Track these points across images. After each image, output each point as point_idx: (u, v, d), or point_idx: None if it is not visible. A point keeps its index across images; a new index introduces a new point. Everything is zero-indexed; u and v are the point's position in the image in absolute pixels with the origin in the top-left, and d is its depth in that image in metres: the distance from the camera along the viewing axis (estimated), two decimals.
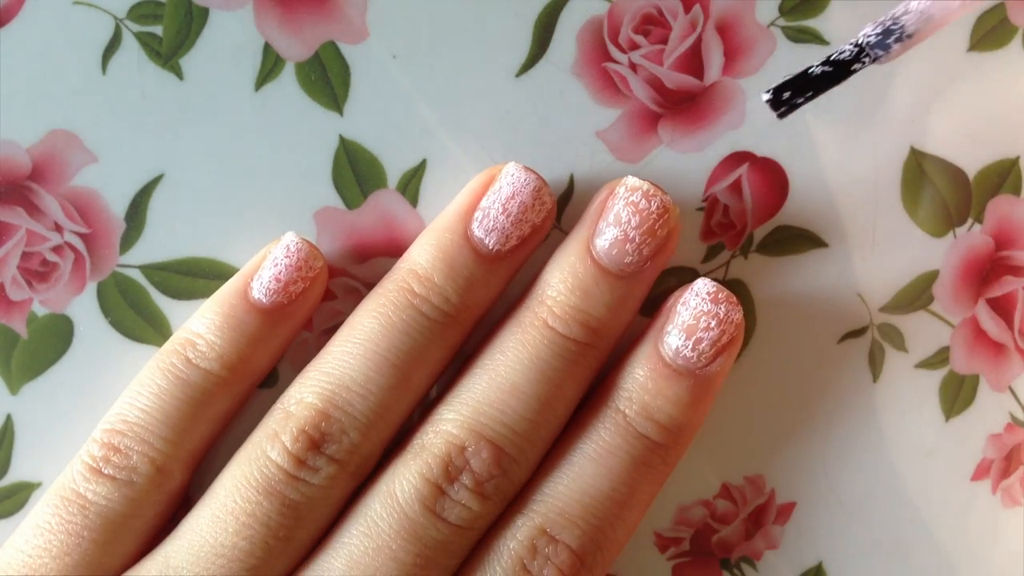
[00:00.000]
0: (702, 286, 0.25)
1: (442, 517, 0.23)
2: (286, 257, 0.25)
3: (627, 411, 0.25)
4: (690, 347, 0.25)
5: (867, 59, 0.21)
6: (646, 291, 0.25)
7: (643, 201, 0.25)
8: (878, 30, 0.21)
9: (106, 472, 0.24)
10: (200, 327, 0.25)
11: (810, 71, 0.21)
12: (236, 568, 0.23)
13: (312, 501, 0.23)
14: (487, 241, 0.25)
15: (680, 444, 0.25)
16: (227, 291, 0.25)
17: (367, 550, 0.23)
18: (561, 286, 0.25)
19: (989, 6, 0.20)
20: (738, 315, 0.25)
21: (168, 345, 0.25)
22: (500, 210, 0.25)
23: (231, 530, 0.23)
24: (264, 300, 0.25)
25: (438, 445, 0.24)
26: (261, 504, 0.23)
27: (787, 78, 0.21)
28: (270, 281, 0.25)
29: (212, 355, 0.24)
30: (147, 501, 0.24)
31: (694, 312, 0.25)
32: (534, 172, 0.25)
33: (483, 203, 0.25)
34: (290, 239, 0.25)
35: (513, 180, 0.25)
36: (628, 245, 0.24)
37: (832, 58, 0.21)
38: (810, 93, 0.21)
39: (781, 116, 0.21)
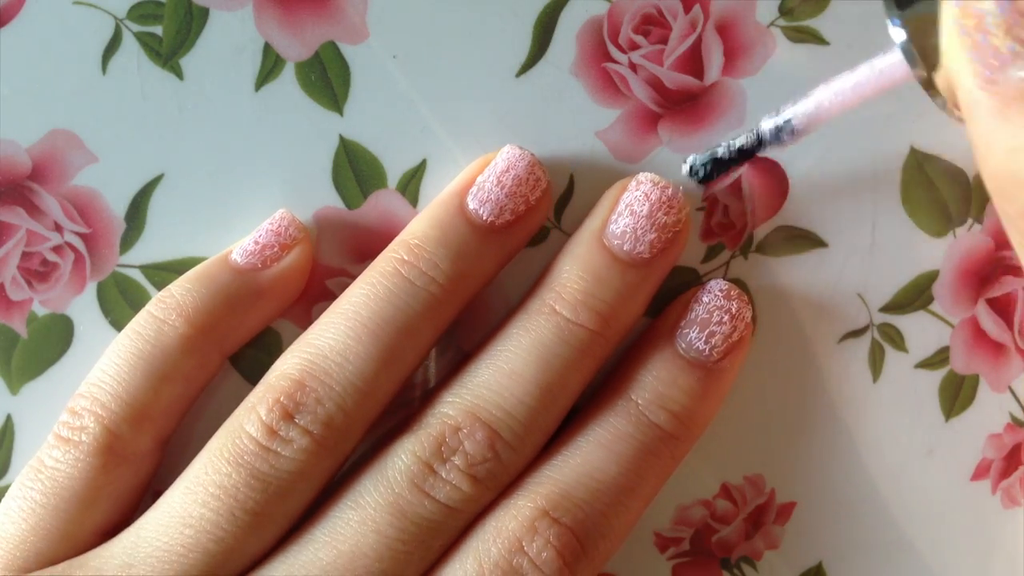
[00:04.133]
0: (715, 284, 0.26)
1: (430, 495, 0.23)
2: (269, 224, 0.25)
3: (639, 400, 0.25)
4: (703, 339, 0.25)
5: (765, 147, 0.25)
6: (656, 285, 0.26)
7: (655, 191, 0.25)
8: (772, 127, 0.25)
9: (63, 435, 0.24)
10: (171, 286, 0.25)
11: (720, 155, 0.25)
12: (203, 539, 0.23)
13: (284, 475, 0.23)
14: (481, 212, 0.25)
15: (689, 437, 0.25)
16: (210, 259, 0.25)
17: (350, 521, 0.23)
18: (570, 273, 0.25)
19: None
20: (748, 313, 0.25)
21: None
22: (495, 182, 0.25)
23: (199, 500, 0.23)
24: (239, 260, 0.25)
25: (433, 425, 0.24)
26: (230, 475, 0.23)
27: (701, 156, 0.26)
28: (248, 243, 0.25)
29: (171, 305, 0.24)
30: (97, 464, 0.24)
31: (707, 307, 0.25)
32: (529, 151, 0.25)
33: (479, 179, 0.25)
34: (278, 212, 0.26)
35: (508, 156, 0.25)
36: (640, 232, 0.25)
37: (738, 146, 0.25)
38: (724, 171, 0.25)
39: (702, 183, 0.26)
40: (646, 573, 0.28)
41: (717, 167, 0.25)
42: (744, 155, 0.25)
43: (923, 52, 0.21)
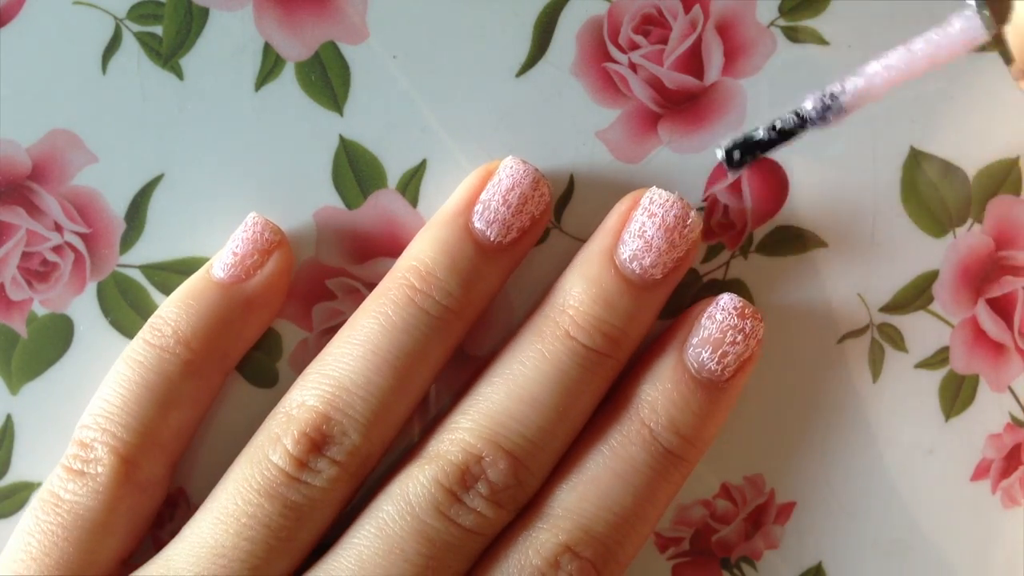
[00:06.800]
0: (728, 301, 0.25)
1: (455, 522, 0.23)
2: (243, 232, 0.25)
3: (653, 425, 0.25)
4: (716, 360, 0.25)
5: (808, 127, 0.23)
6: (665, 300, 0.26)
7: (667, 212, 0.25)
8: (818, 105, 0.23)
9: (75, 468, 0.24)
10: (161, 310, 0.25)
11: (756, 136, 0.23)
12: (237, 568, 0.23)
13: (313, 502, 0.24)
14: (488, 233, 0.25)
15: (697, 457, 0.25)
16: (191, 277, 0.25)
17: (378, 550, 0.23)
18: (584, 296, 0.25)
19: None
20: (761, 331, 0.25)
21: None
22: (500, 201, 0.25)
23: (232, 531, 0.23)
24: (222, 274, 0.25)
25: (455, 453, 0.24)
26: (263, 506, 0.23)
27: (736, 139, 0.23)
28: (227, 255, 0.25)
29: (167, 331, 0.24)
30: (116, 495, 0.24)
31: (721, 326, 0.25)
32: (531, 164, 0.25)
33: (483, 196, 0.25)
34: (249, 217, 0.25)
35: (512, 172, 0.25)
36: (652, 255, 0.25)
37: (777, 127, 0.23)
38: (758, 153, 0.23)
39: (733, 171, 0.24)
40: (646, 573, 0.28)
41: (753, 150, 0.23)
42: (784, 137, 0.23)
43: (992, 11, 0.20)
